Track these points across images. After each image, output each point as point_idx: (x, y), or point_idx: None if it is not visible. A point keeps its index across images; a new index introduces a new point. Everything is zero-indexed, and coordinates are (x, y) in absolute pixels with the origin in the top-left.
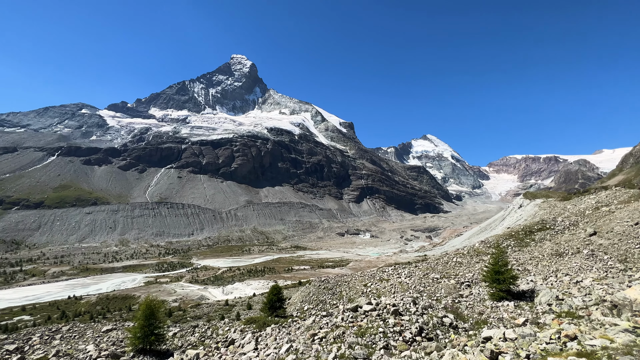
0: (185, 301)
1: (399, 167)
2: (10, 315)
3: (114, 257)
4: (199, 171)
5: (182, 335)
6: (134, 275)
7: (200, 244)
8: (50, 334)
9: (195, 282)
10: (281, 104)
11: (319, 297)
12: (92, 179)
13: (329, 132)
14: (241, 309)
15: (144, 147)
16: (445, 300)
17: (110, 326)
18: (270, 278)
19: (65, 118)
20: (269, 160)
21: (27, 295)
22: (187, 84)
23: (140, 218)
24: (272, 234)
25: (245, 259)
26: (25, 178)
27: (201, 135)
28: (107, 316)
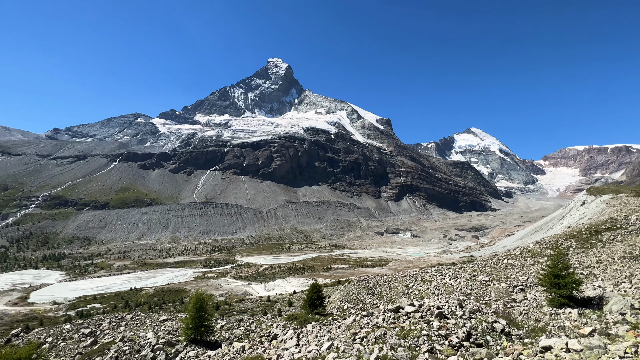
0: (230, 296)
1: (441, 163)
2: (85, 303)
3: (167, 253)
4: (240, 172)
5: (229, 328)
6: (184, 270)
7: (243, 242)
8: (117, 321)
9: (239, 278)
10: (317, 104)
11: (358, 297)
12: (148, 181)
13: (366, 129)
14: (282, 306)
15: (191, 151)
16: (495, 305)
17: (166, 316)
18: (309, 276)
19: (124, 127)
20: (306, 160)
21: (97, 285)
22: (228, 89)
23: (189, 217)
24: (310, 232)
25: (285, 256)
26: (94, 182)
27: (242, 138)
28: (163, 307)
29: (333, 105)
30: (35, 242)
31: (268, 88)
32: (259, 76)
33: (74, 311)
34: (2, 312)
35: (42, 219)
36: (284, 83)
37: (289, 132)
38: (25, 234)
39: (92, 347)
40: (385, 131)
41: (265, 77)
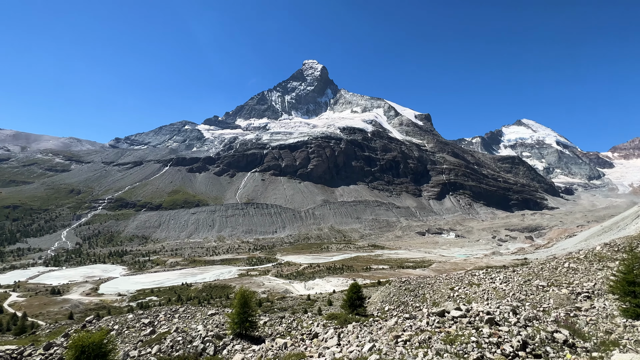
0: (272, 293)
1: (488, 158)
2: (144, 295)
3: (214, 251)
4: (279, 173)
5: (272, 325)
6: (229, 268)
7: (282, 241)
8: (171, 313)
9: (280, 276)
10: (352, 103)
11: (399, 298)
12: (195, 184)
13: (404, 126)
14: (322, 305)
15: (233, 154)
16: (555, 313)
17: (214, 311)
18: (348, 276)
19: (174, 134)
20: (343, 160)
21: (154, 280)
22: (266, 94)
23: (232, 217)
24: (348, 232)
25: (324, 256)
26: (149, 185)
27: (279, 140)
28: (211, 302)
29: (369, 103)
30: (102, 240)
31: (304, 90)
32: (295, 79)
33: (135, 302)
34: (78, 301)
35: (108, 219)
36: (319, 84)
37: (325, 132)
38: (94, 233)
39: (151, 335)
40: (425, 127)
41: (300, 80)
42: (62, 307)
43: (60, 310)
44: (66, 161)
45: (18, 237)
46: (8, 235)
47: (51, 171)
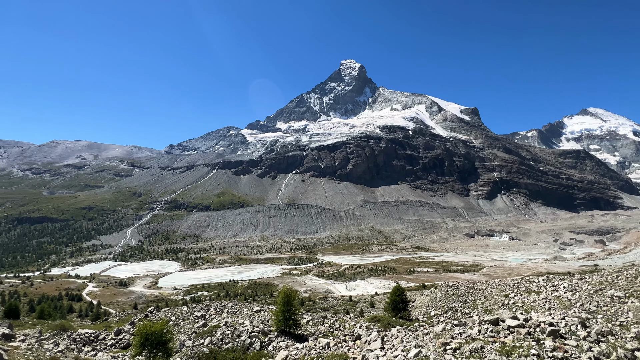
0: (314, 293)
1: (546, 153)
2: (196, 290)
3: (258, 250)
4: (318, 174)
5: (314, 324)
6: (272, 267)
7: (323, 242)
8: (220, 308)
9: (321, 276)
10: (392, 100)
11: (447, 304)
12: (240, 186)
13: (448, 122)
14: (364, 306)
15: (274, 156)
16: (636, 328)
17: (259, 307)
18: (391, 278)
19: (220, 139)
20: (383, 159)
21: (205, 276)
22: (304, 96)
23: (274, 218)
24: (390, 233)
25: (365, 257)
26: (199, 188)
27: (318, 141)
28: (256, 299)
29: (410, 100)
30: (160, 238)
31: (342, 90)
32: (333, 80)
33: (189, 296)
34: (141, 293)
35: (164, 219)
36: (357, 83)
37: (364, 132)
38: (153, 231)
39: (203, 328)
40: (472, 122)
41: (338, 80)
42: (128, 298)
43: (127, 300)
44: (129, 167)
45: (93, 234)
46: (85, 232)
47: (118, 176)
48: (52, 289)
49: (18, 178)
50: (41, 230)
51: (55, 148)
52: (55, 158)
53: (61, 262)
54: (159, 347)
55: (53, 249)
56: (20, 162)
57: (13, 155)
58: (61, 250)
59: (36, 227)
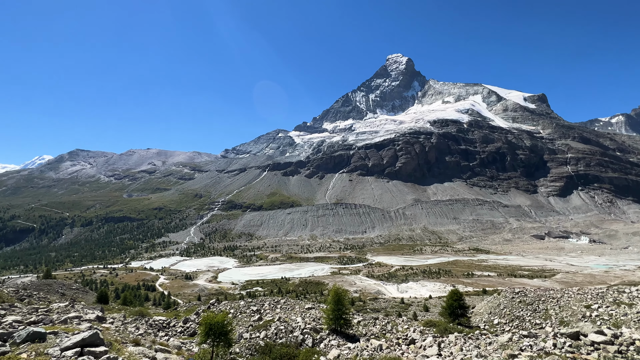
0: (364, 293)
1: (638, 141)
2: (251, 286)
3: (307, 249)
4: (366, 173)
5: (365, 325)
6: (322, 265)
7: (372, 242)
8: (274, 303)
9: (371, 276)
10: (443, 93)
11: (512, 312)
12: (289, 186)
13: (509, 112)
14: (417, 310)
15: (321, 157)
16: None
17: (310, 305)
18: (446, 281)
19: (270, 142)
20: (435, 155)
21: (258, 272)
22: (350, 95)
23: (323, 217)
24: (444, 234)
25: (417, 258)
26: (251, 189)
27: (365, 140)
28: (307, 296)
29: (463, 91)
30: (218, 236)
31: (388, 86)
32: (378, 76)
33: (245, 291)
34: (204, 286)
35: (222, 219)
36: (404, 78)
37: (413, 128)
38: (212, 230)
39: (259, 322)
40: (539, 110)
41: (384, 76)
42: (192, 290)
43: (192, 292)
44: (191, 171)
45: (162, 232)
46: (156, 230)
47: (182, 179)
48: (132, 279)
49: (104, 183)
50: (122, 228)
51: (131, 156)
52: (132, 165)
53: (138, 256)
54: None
55: (132, 244)
56: (106, 169)
57: (100, 164)
58: (138, 246)
59: (119, 225)
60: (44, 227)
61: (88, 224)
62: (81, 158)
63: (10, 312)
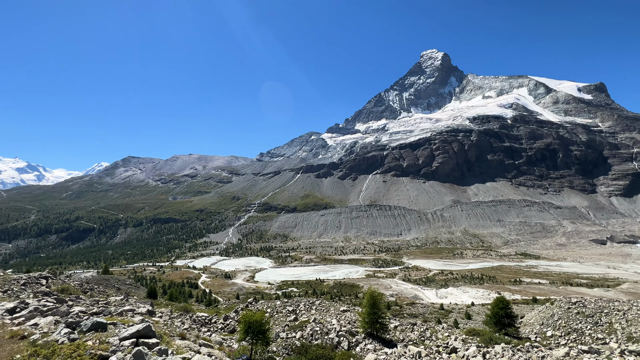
0: (400, 297)
1: None
2: (286, 286)
3: (341, 251)
4: (401, 174)
5: (403, 330)
6: (356, 268)
7: (409, 244)
8: (309, 304)
9: (407, 280)
10: (483, 87)
11: (569, 324)
12: (322, 188)
13: (561, 104)
14: (459, 317)
15: (354, 158)
16: None
17: (345, 307)
18: (490, 288)
19: (303, 145)
20: (475, 154)
21: (293, 273)
22: (382, 94)
23: (357, 219)
24: (487, 237)
25: (457, 263)
26: (286, 191)
27: (399, 140)
28: (341, 299)
29: (506, 84)
30: (255, 237)
31: (423, 83)
32: (412, 73)
33: (280, 291)
34: (242, 285)
35: (258, 220)
36: (440, 74)
37: (450, 126)
38: (249, 231)
39: (294, 322)
40: (596, 101)
41: (419, 73)
42: (231, 289)
43: (231, 290)
44: (229, 174)
45: (203, 232)
46: (198, 231)
47: (220, 183)
48: (177, 276)
49: (152, 187)
50: (168, 229)
51: (175, 162)
52: (176, 170)
53: (182, 255)
54: (259, 335)
55: (177, 244)
56: (153, 174)
57: (148, 169)
58: (182, 245)
59: (165, 226)
60: (102, 227)
61: (139, 225)
62: (132, 164)
63: (77, 304)
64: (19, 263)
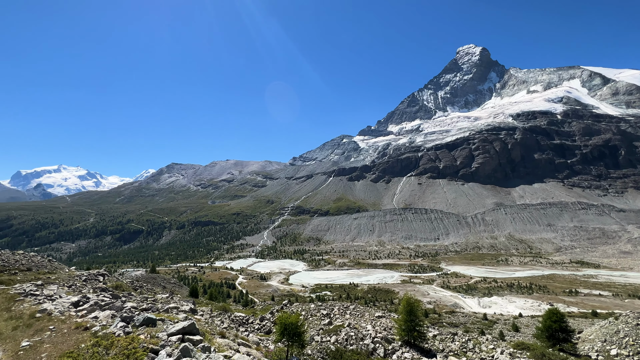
0: (439, 305)
1: None
2: (320, 289)
3: (375, 255)
4: (437, 176)
5: (442, 340)
6: (391, 273)
7: (447, 249)
8: (343, 309)
9: (446, 287)
10: (528, 81)
11: (639, 342)
12: (354, 191)
13: (621, 95)
14: (505, 329)
15: (387, 160)
16: None
17: (380, 313)
18: (541, 299)
19: (334, 148)
20: (520, 153)
21: (327, 277)
22: (416, 94)
23: (391, 222)
24: (536, 242)
25: (501, 270)
26: (318, 195)
27: (435, 140)
28: (376, 304)
29: (555, 77)
30: (289, 240)
31: (460, 81)
32: (448, 71)
33: (314, 294)
34: (277, 287)
35: (291, 223)
36: (478, 70)
37: (491, 124)
38: (283, 234)
39: (329, 326)
40: None
41: (455, 70)
42: (267, 290)
43: (266, 292)
44: (263, 179)
45: (240, 235)
46: (235, 234)
47: (255, 187)
48: (216, 277)
49: (193, 191)
50: (208, 231)
51: (214, 167)
52: (214, 175)
53: (221, 257)
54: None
55: (215, 245)
56: (194, 179)
57: (190, 175)
58: (220, 247)
59: (205, 228)
60: (150, 229)
61: (181, 227)
62: (175, 170)
63: (129, 299)
64: (80, 261)
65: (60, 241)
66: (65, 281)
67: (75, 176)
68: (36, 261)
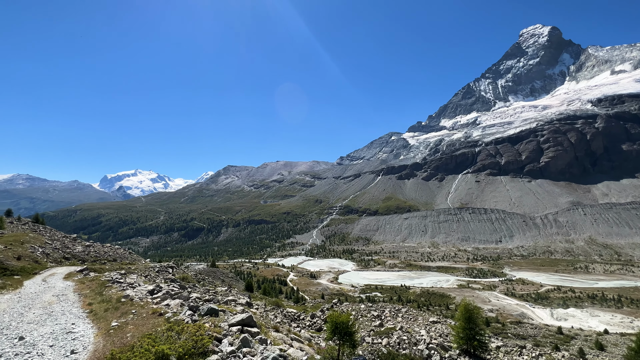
0: (502, 314)
1: None
2: (370, 290)
3: (428, 257)
4: (497, 172)
5: (507, 352)
6: (446, 276)
7: (511, 253)
8: (395, 311)
9: (511, 295)
10: (612, 61)
11: None
12: (404, 190)
13: None
14: (585, 346)
15: (440, 157)
16: None
17: (435, 319)
18: (634, 314)
19: (382, 146)
20: (602, 144)
21: (377, 277)
22: (472, 85)
23: (445, 223)
24: (625, 248)
25: (580, 278)
26: (366, 194)
27: (495, 134)
28: (430, 309)
29: None
30: (337, 239)
31: (524, 66)
32: (509, 57)
33: (364, 295)
34: (326, 285)
35: (340, 223)
36: (547, 52)
37: (563, 112)
38: (332, 233)
39: (380, 328)
40: None
41: (518, 55)
42: (317, 288)
43: (316, 290)
44: (312, 179)
45: (290, 234)
46: (285, 232)
47: (304, 187)
48: (268, 273)
49: (247, 192)
50: (261, 230)
51: (265, 169)
52: (266, 176)
53: (273, 254)
54: (346, 337)
55: (268, 243)
56: (248, 180)
57: (243, 176)
58: (272, 245)
59: (258, 227)
60: (210, 227)
61: (237, 225)
62: (231, 172)
63: (194, 290)
64: (153, 254)
65: (137, 236)
66: (142, 271)
67: (148, 179)
68: (120, 253)
